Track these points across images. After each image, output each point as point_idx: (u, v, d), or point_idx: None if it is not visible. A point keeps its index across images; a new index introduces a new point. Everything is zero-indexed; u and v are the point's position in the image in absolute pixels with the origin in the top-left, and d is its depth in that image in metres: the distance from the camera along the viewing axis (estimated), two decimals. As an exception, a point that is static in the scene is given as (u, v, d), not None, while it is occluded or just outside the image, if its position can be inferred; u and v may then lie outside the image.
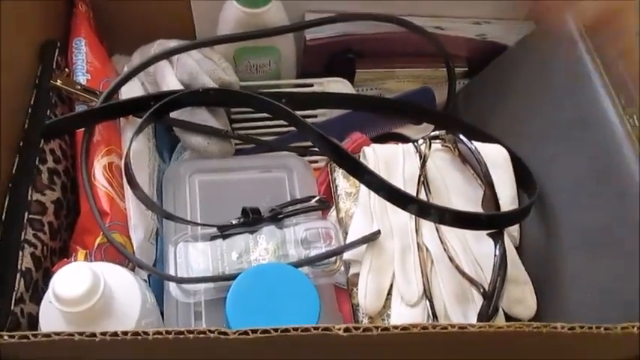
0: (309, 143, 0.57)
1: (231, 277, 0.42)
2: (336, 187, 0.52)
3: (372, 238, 0.45)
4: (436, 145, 0.51)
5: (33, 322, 0.41)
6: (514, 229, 0.48)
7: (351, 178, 0.51)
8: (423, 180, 0.49)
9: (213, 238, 0.47)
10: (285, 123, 0.52)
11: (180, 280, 0.42)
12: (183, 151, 0.57)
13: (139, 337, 0.28)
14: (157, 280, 0.46)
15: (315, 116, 0.59)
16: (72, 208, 0.48)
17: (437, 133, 0.51)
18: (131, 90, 0.54)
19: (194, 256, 0.45)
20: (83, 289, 0.35)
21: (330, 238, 0.47)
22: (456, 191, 0.49)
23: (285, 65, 0.59)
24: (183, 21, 0.60)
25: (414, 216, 0.46)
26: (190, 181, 0.51)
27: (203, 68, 0.53)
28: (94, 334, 0.29)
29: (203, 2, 0.57)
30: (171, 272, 0.44)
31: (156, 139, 0.56)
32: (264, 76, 0.59)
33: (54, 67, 0.50)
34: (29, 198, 0.43)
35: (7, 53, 0.44)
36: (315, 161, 0.57)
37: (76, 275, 0.35)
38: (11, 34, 0.45)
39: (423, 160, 0.49)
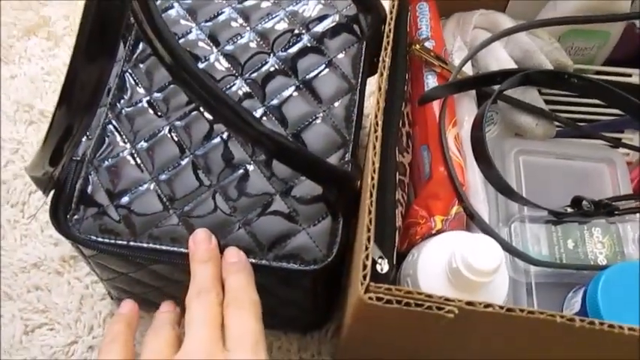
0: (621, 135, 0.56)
1: (588, 268, 0.44)
2: (660, 188, 0.51)
3: None
4: None
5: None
6: None
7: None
8: None
9: (547, 222, 0.48)
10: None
11: (538, 263, 0.44)
12: (488, 124, 0.58)
13: (513, 313, 0.31)
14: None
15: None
16: (408, 171, 0.51)
17: None
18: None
19: (530, 238, 0.47)
20: (496, 264, 0.38)
21: (668, 241, 0.47)
22: None
23: (605, 51, 0.57)
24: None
25: None
26: (515, 160, 0.52)
27: (537, 47, 0.53)
28: (471, 303, 0.33)
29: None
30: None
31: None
32: (579, 59, 0.58)
33: (407, 31, 0.51)
34: (397, 159, 0.46)
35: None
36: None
37: (489, 249, 0.38)
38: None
39: None
